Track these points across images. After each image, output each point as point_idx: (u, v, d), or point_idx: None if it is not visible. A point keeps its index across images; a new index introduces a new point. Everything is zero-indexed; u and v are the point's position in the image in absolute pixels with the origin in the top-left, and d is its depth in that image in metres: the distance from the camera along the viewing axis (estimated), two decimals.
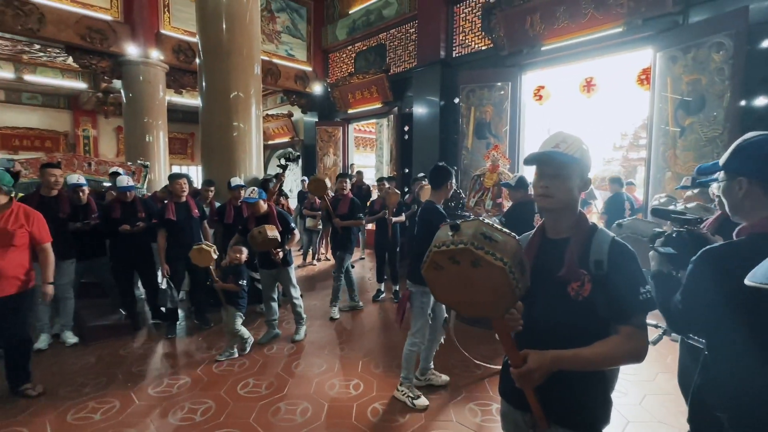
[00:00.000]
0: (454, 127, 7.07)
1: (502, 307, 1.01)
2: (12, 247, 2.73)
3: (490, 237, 0.94)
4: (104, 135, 12.67)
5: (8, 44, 8.15)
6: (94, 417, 2.63)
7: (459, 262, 0.94)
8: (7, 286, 2.69)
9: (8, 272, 2.70)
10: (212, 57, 4.88)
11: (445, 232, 0.99)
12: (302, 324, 3.99)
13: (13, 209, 2.79)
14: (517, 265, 0.95)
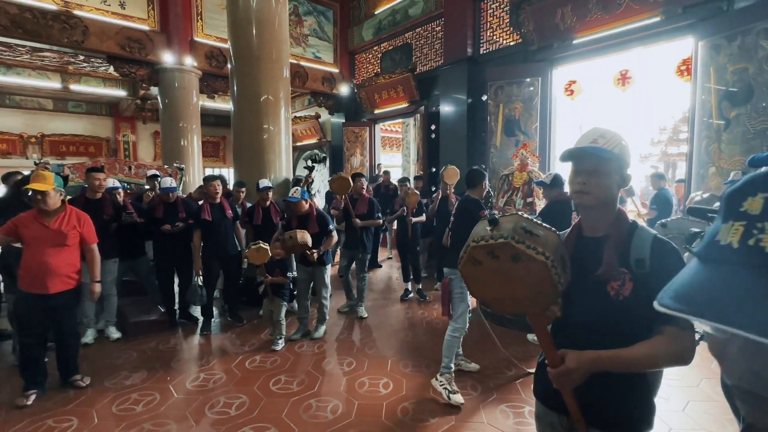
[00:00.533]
0: (481, 125, 6.97)
1: (543, 303, 0.98)
2: (65, 247, 2.89)
3: (531, 231, 0.92)
4: (142, 140, 13.27)
5: (56, 56, 8.67)
6: (137, 408, 2.75)
7: (498, 257, 0.92)
8: (59, 284, 2.85)
9: (61, 270, 2.86)
10: (243, 62, 5.02)
11: (483, 226, 0.98)
12: (323, 323, 4.07)
13: (67, 212, 2.96)
14: (559, 259, 0.92)
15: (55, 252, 2.84)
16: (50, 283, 2.81)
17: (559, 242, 0.97)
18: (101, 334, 3.99)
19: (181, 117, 7.95)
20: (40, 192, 2.79)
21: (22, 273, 2.81)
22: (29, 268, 2.79)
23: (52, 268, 2.82)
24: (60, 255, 2.86)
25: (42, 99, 11.82)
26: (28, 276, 2.80)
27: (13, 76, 9.76)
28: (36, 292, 2.80)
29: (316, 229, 3.86)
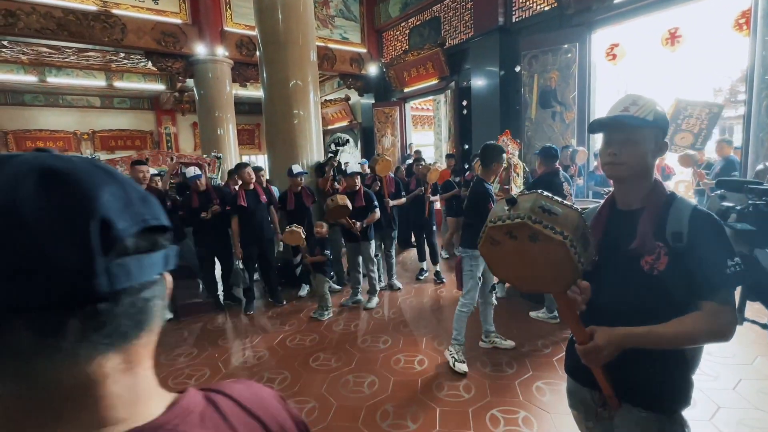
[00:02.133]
0: (515, 98, 6.71)
1: (564, 282, 0.97)
2: None
3: (549, 210, 0.90)
4: (182, 131, 13.83)
5: (99, 55, 9.13)
6: (189, 383, 2.98)
7: (516, 237, 0.91)
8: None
9: None
10: (271, 48, 5.07)
11: (501, 206, 0.96)
12: (375, 294, 4.38)
13: None
14: (579, 238, 0.90)
15: None
16: None
17: (579, 220, 0.93)
18: None
19: (216, 107, 8.20)
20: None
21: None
22: None
23: None
24: None
25: (90, 97, 12.54)
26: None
27: (64, 77, 10.39)
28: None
29: (362, 203, 4.21)
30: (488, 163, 3.07)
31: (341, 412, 2.53)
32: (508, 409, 2.47)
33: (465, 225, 3.22)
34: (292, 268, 5.04)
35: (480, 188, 3.03)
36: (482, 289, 3.13)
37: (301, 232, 4.02)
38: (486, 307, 3.25)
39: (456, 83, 7.95)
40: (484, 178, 3.08)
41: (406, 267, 5.90)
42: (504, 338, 3.29)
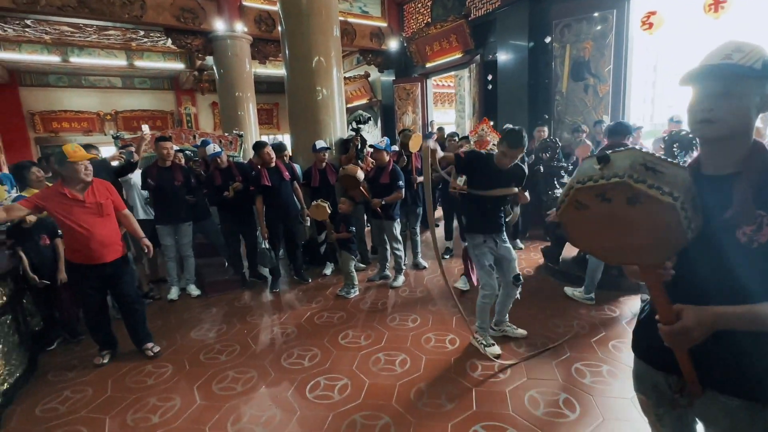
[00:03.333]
0: (545, 71, 6.40)
1: (665, 251, 0.85)
2: (106, 216, 2.86)
3: (654, 168, 0.77)
4: (202, 111, 13.82)
5: (119, 33, 9.08)
6: (221, 358, 2.99)
7: (610, 199, 0.79)
8: (112, 252, 2.87)
9: (111, 239, 2.87)
10: (293, 20, 4.90)
11: (590, 164, 0.84)
12: (401, 273, 4.35)
13: (94, 184, 2.85)
14: (690, 201, 0.77)
15: (100, 223, 2.82)
16: (105, 252, 2.83)
17: (690, 180, 0.81)
18: (183, 292, 4.34)
19: (236, 86, 8.11)
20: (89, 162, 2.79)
21: (73, 247, 2.81)
22: (79, 242, 2.76)
23: (103, 238, 2.81)
24: (105, 225, 2.85)
25: (112, 77, 12.59)
26: (82, 249, 2.79)
27: (86, 56, 10.41)
28: (92, 263, 2.81)
29: (387, 180, 4.14)
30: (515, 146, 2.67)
31: (374, 389, 2.49)
32: (547, 390, 2.39)
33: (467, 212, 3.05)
34: (317, 246, 5.01)
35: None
36: (504, 280, 2.91)
37: (327, 207, 3.96)
38: (506, 298, 2.98)
39: (481, 57, 7.63)
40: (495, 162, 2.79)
41: (430, 246, 5.81)
42: (515, 327, 3.09)
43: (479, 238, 2.82)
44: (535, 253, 5.10)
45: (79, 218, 2.74)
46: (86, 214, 2.77)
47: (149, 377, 2.78)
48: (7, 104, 10.83)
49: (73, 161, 2.69)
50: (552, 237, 4.51)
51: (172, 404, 2.45)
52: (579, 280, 3.97)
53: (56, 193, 2.73)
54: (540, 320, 3.28)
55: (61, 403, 2.52)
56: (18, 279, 2.98)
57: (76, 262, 2.84)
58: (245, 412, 2.34)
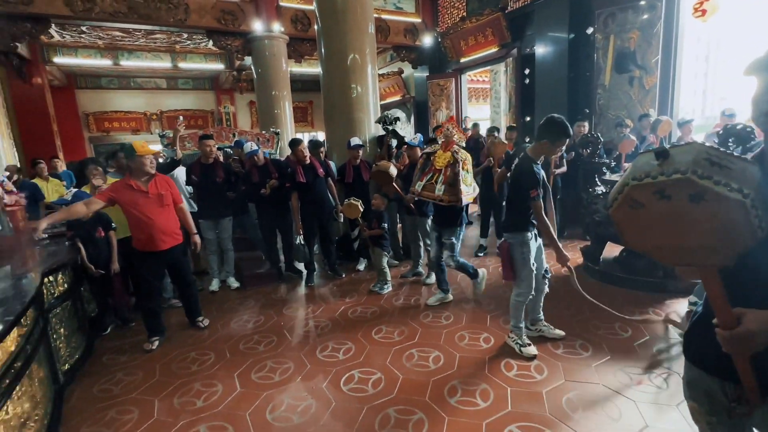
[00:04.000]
0: (585, 64, 6.15)
1: (729, 252, 0.79)
2: (166, 207, 3.16)
3: (720, 163, 0.72)
4: (240, 110, 14.28)
5: (165, 36, 9.52)
6: (259, 348, 3.10)
7: (670, 196, 0.76)
8: (170, 240, 3.17)
9: (171, 228, 3.19)
10: (328, 19, 4.97)
11: (647, 160, 0.80)
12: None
13: (156, 177, 3.17)
14: (760, 198, 0.72)
15: (160, 213, 3.11)
16: (165, 239, 3.13)
17: (760, 176, 0.76)
18: (223, 284, 4.52)
19: (273, 85, 8.32)
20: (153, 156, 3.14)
21: (138, 236, 3.10)
22: (142, 230, 3.06)
23: (163, 227, 3.11)
24: (164, 215, 3.14)
25: (158, 79, 13.23)
26: (145, 237, 3.07)
27: (134, 59, 11.00)
28: (153, 250, 3.11)
29: None
30: (542, 136, 2.56)
31: (407, 385, 2.50)
32: (586, 393, 2.32)
33: (507, 206, 2.89)
34: (350, 242, 5.07)
35: (525, 166, 2.58)
36: (535, 276, 2.82)
37: (359, 205, 4.00)
38: (538, 293, 2.90)
39: (518, 50, 7.44)
40: (533, 155, 2.62)
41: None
42: (552, 327, 2.99)
43: (528, 235, 2.70)
44: (573, 253, 4.92)
45: (143, 208, 3.05)
46: (149, 204, 3.07)
47: (193, 364, 2.92)
48: (65, 106, 11.61)
49: (141, 155, 3.02)
50: (592, 236, 4.34)
51: (215, 390, 2.56)
52: (621, 281, 3.82)
53: (124, 185, 3.06)
54: (579, 321, 3.18)
55: (115, 385, 2.70)
56: (77, 268, 3.21)
57: (139, 249, 3.15)
58: (282, 400, 2.42)
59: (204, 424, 2.24)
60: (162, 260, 3.20)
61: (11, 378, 1.85)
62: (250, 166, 4.50)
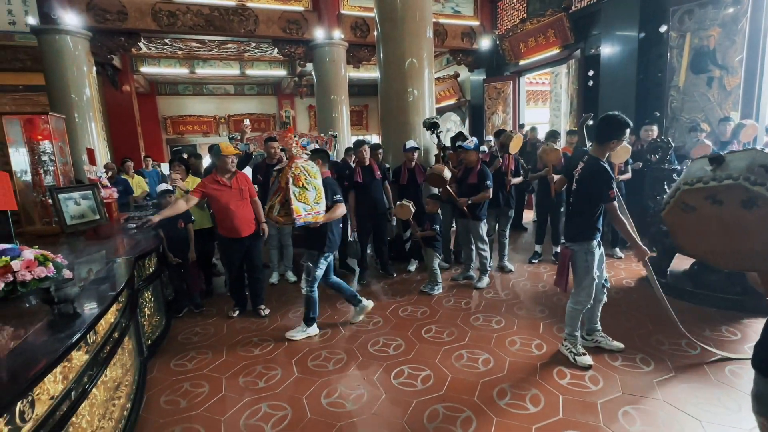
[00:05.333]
0: (657, 64, 5.80)
1: None
2: (244, 200, 3.61)
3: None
4: (300, 114, 14.96)
5: (235, 46, 10.25)
6: (314, 339, 3.28)
7: (722, 201, 0.77)
8: (247, 229, 3.61)
9: (248, 218, 3.63)
10: (388, 25, 5.12)
11: (701, 165, 0.82)
12: (486, 274, 4.31)
13: (237, 174, 3.65)
14: None
15: (240, 205, 3.57)
16: (242, 228, 3.58)
17: None
18: (282, 277, 4.81)
19: (332, 90, 8.65)
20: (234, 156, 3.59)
21: (223, 224, 3.58)
22: (226, 219, 3.53)
23: (241, 217, 3.56)
24: (243, 207, 3.59)
25: (227, 85, 14.24)
26: (229, 225, 3.55)
27: (208, 68, 11.95)
28: (234, 236, 3.58)
29: (475, 180, 4.14)
30: (604, 138, 2.51)
31: (456, 384, 2.54)
32: (645, 409, 2.22)
33: (572, 213, 2.73)
34: (402, 243, 5.17)
35: (596, 166, 2.49)
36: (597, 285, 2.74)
37: (411, 207, 4.09)
38: (596, 303, 2.81)
39: (582, 51, 7.15)
40: (597, 155, 2.55)
41: (516, 249, 5.64)
42: (611, 339, 2.87)
43: (594, 243, 2.64)
44: (637, 264, 4.66)
45: (228, 200, 3.50)
46: (232, 197, 3.52)
47: (255, 348, 3.16)
48: (148, 111, 12.84)
49: (225, 155, 3.49)
50: (659, 247, 4.09)
51: (275, 373, 2.77)
52: (691, 296, 3.58)
53: (212, 180, 3.52)
54: (640, 335, 3.03)
55: (189, 361, 3.00)
56: (159, 256, 3.59)
57: (224, 236, 3.62)
58: (336, 388, 2.56)
59: (265, 403, 2.43)
60: (242, 245, 3.64)
61: (111, 346, 2.14)
62: None
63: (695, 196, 0.81)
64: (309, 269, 3.26)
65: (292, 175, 2.91)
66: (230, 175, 3.57)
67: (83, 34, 6.71)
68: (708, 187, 0.78)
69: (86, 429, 1.72)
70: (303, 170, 2.95)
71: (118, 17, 6.98)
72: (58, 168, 3.95)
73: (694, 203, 0.82)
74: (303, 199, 2.95)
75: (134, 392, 2.46)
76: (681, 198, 0.83)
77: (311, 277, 3.26)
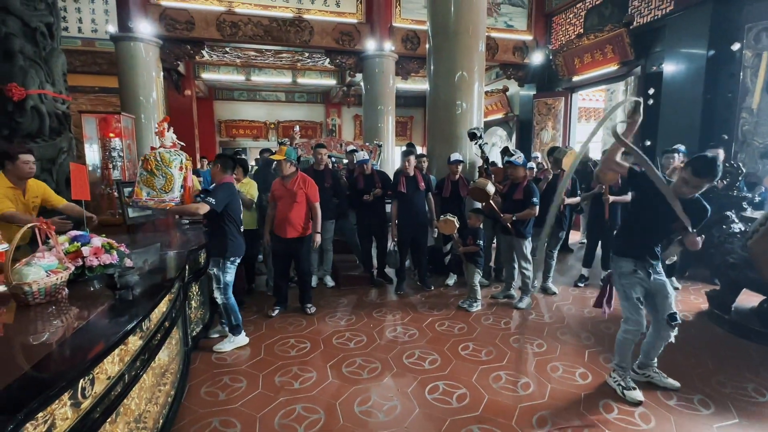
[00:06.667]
0: (727, 84, 5.42)
1: None
2: (296, 203, 3.72)
3: None
4: (346, 122, 15.31)
5: (289, 55, 10.70)
6: (350, 345, 3.29)
7: None
8: (292, 231, 3.74)
9: (295, 221, 3.75)
10: (440, 38, 5.14)
11: None
12: (527, 295, 4.17)
13: (297, 177, 3.77)
14: None
15: (291, 207, 3.70)
16: (287, 229, 3.73)
17: None
18: (320, 282, 4.88)
19: (379, 100, 8.78)
20: (278, 161, 3.73)
21: (275, 222, 3.80)
22: (278, 217, 3.77)
23: (289, 218, 3.71)
24: (293, 209, 3.72)
25: (278, 92, 14.86)
26: (277, 223, 3.78)
27: (263, 75, 12.55)
28: (280, 235, 3.77)
29: (521, 196, 4.05)
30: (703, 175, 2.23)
31: (493, 405, 2.45)
32: None
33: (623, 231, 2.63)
34: (441, 256, 5.10)
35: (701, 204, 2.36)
36: (655, 318, 2.56)
37: (456, 222, 4.02)
38: (657, 340, 2.60)
39: (642, 68, 6.83)
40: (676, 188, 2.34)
41: (560, 270, 5.40)
42: (665, 375, 2.65)
43: (629, 265, 2.49)
44: (696, 296, 4.33)
45: (281, 200, 3.75)
46: (285, 198, 3.73)
47: (292, 349, 3.21)
48: (205, 114, 13.62)
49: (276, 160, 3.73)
50: (723, 280, 3.77)
51: (310, 376, 2.79)
52: (759, 336, 3.26)
53: (279, 181, 3.81)
54: (699, 374, 2.79)
55: (229, 356, 3.10)
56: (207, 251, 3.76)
57: (275, 233, 3.82)
58: (370, 397, 2.54)
59: (299, 405, 2.46)
60: (285, 245, 3.79)
61: (162, 334, 2.25)
62: (358, 173, 4.83)
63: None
64: (217, 277, 3.17)
65: (143, 158, 2.97)
66: (287, 177, 3.74)
67: (154, 42, 7.26)
68: None
69: (134, 411, 1.81)
70: (157, 157, 2.94)
71: (186, 27, 7.50)
72: (125, 164, 4.25)
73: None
74: (149, 184, 2.98)
75: (178, 380, 2.56)
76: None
77: (221, 284, 3.17)
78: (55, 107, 3.92)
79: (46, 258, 1.93)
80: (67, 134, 4.10)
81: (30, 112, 3.68)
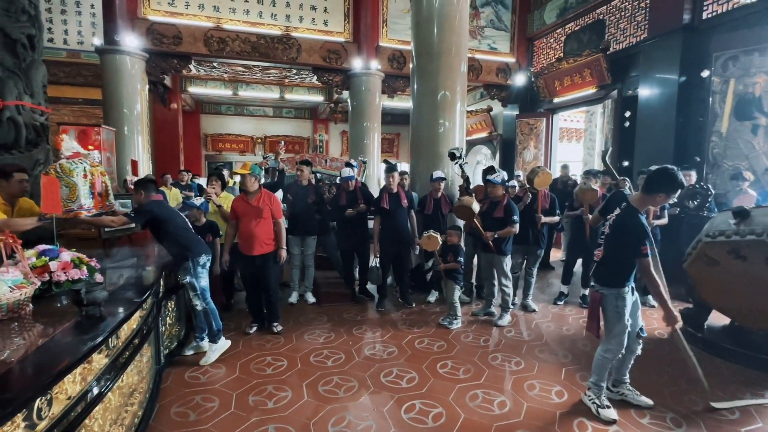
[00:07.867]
0: (698, 109, 5.66)
1: None
2: (262, 219, 3.69)
3: None
4: (333, 138, 15.41)
5: (277, 71, 10.79)
6: (327, 363, 3.25)
7: (745, 257, 0.75)
8: (259, 247, 3.68)
9: (262, 237, 3.70)
10: (424, 59, 5.27)
11: (725, 218, 0.80)
12: (507, 312, 4.20)
13: (261, 193, 3.77)
14: None
15: (257, 223, 3.66)
16: (255, 246, 3.67)
17: None
18: (301, 298, 4.83)
19: (365, 117, 8.90)
20: (242, 175, 3.72)
21: (240, 239, 3.73)
22: (242, 235, 3.72)
23: (255, 235, 3.65)
24: (260, 225, 3.68)
25: (266, 108, 14.93)
26: (242, 241, 3.72)
27: (250, 90, 12.60)
28: (246, 253, 3.70)
29: (501, 214, 4.10)
30: (653, 189, 2.37)
31: (469, 425, 2.44)
32: None
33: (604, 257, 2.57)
34: (423, 273, 5.11)
35: (632, 219, 2.38)
36: (630, 333, 2.58)
37: (439, 238, 4.05)
38: (628, 353, 2.65)
39: (619, 92, 7.09)
40: (637, 206, 2.42)
41: (541, 288, 5.46)
42: (638, 393, 2.69)
43: (625, 289, 2.50)
44: None
45: (246, 217, 3.69)
46: (249, 214, 3.66)
47: (268, 367, 3.15)
48: (192, 128, 13.57)
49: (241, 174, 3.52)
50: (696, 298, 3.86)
51: (285, 395, 2.74)
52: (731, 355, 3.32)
53: (241, 198, 3.79)
54: (672, 392, 2.83)
55: (202, 374, 3.03)
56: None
57: (241, 251, 3.74)
58: (345, 417, 2.50)
59: (272, 425, 2.40)
60: (252, 262, 3.72)
61: (130, 351, 2.19)
62: (341, 189, 4.85)
63: (718, 249, 0.79)
64: (192, 284, 3.17)
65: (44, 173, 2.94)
66: (252, 194, 3.73)
67: (140, 55, 7.26)
68: (730, 241, 0.77)
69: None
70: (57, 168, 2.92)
71: (174, 41, 7.53)
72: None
73: (716, 257, 0.79)
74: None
75: (147, 400, 2.49)
76: (703, 250, 0.81)
77: (198, 291, 3.19)
78: (33, 119, 3.86)
79: (11, 273, 1.88)
80: (44, 146, 4.04)
81: (6, 123, 3.61)
